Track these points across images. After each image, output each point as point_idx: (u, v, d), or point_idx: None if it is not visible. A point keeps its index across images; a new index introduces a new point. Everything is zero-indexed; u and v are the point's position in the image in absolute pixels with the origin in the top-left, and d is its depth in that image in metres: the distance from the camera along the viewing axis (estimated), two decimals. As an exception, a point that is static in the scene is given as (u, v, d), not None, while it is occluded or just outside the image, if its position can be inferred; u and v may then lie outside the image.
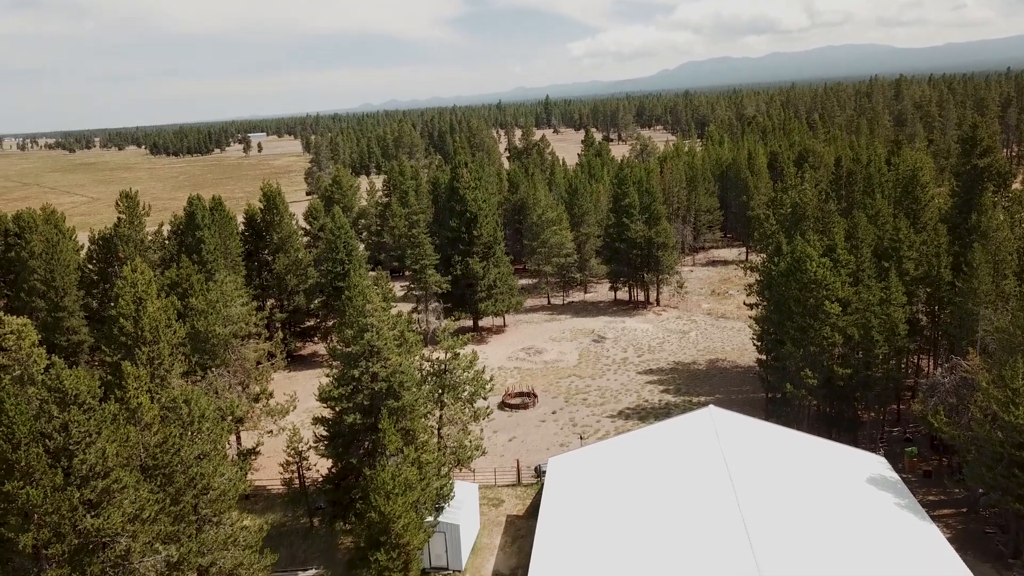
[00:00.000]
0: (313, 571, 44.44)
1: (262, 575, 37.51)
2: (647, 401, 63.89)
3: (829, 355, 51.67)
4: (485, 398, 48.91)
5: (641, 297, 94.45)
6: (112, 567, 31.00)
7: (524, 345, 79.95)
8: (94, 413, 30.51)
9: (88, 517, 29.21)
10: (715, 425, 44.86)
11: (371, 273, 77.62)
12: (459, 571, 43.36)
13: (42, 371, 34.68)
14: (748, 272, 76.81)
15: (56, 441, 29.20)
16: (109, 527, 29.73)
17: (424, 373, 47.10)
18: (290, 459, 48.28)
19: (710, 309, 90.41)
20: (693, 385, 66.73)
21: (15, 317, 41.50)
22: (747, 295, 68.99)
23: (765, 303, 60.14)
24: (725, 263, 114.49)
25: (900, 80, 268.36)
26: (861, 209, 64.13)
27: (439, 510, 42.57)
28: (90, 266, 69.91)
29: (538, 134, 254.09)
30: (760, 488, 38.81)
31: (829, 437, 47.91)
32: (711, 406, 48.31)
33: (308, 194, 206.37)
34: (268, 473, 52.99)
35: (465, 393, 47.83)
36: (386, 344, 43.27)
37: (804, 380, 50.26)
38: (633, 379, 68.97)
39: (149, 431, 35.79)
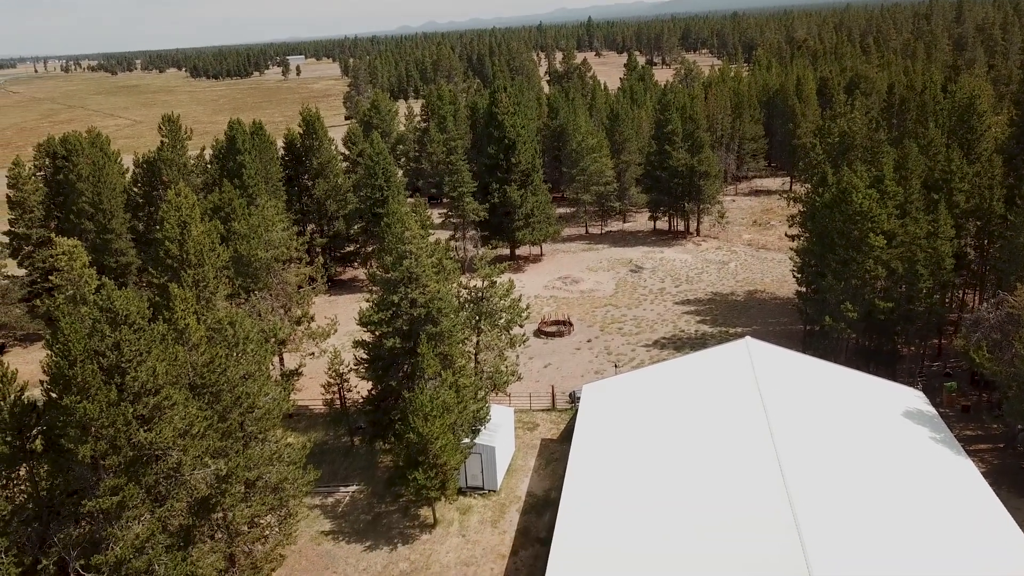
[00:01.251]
0: (354, 487, 46.24)
1: (306, 489, 39.16)
2: (683, 331, 63.96)
3: (871, 288, 50.92)
4: (521, 325, 49.46)
5: (681, 227, 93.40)
6: (165, 478, 32.64)
7: (561, 274, 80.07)
8: (144, 333, 31.61)
9: (141, 431, 30.62)
10: (751, 356, 44.88)
11: (409, 200, 77.84)
12: (494, 491, 44.74)
13: (93, 292, 35.77)
14: (791, 203, 75.29)
15: (109, 359, 30.41)
16: (161, 441, 31.17)
17: (462, 300, 47.66)
18: (331, 381, 49.70)
19: (751, 240, 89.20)
20: (730, 316, 66.49)
21: (66, 239, 42.66)
22: (789, 226, 67.82)
23: (807, 235, 59.10)
24: (768, 193, 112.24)
25: (962, 1, 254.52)
26: (912, 139, 61.99)
27: (475, 432, 43.71)
28: (135, 189, 71.19)
29: (579, 57, 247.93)
30: (794, 419, 39.03)
31: (867, 370, 47.67)
32: (747, 337, 48.23)
33: (347, 118, 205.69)
34: (310, 394, 54.64)
35: (502, 320, 48.39)
36: (424, 271, 43.73)
37: (844, 313, 49.74)
38: (670, 309, 68.91)
39: (196, 351, 37.01)
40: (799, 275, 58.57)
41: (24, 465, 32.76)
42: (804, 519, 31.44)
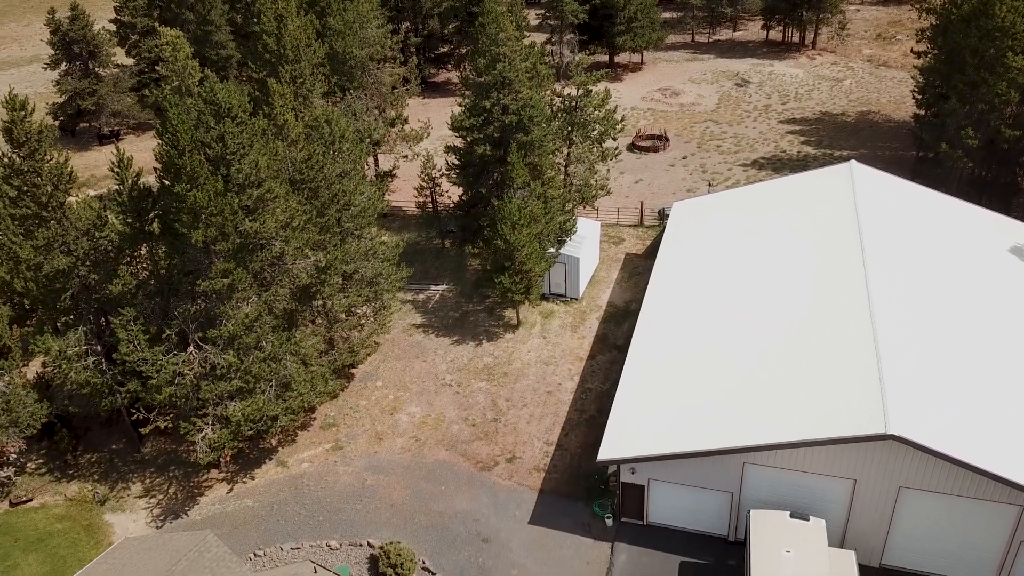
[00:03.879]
0: (444, 286, 48.51)
1: (399, 285, 41.39)
2: (784, 152, 61.28)
3: (998, 114, 46.90)
4: (614, 138, 48.35)
5: (795, 38, 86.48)
6: (270, 266, 35.04)
7: (661, 85, 76.50)
8: (246, 126, 32.65)
9: (247, 220, 32.53)
10: (853, 180, 42.87)
11: (506, -2, 74.16)
12: (576, 299, 46.17)
13: (197, 84, 36.71)
14: (923, 15, 68.03)
15: (214, 150, 31.79)
16: (264, 230, 33.13)
17: (554, 109, 46.63)
18: (424, 184, 50.70)
19: (871, 55, 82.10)
20: (837, 138, 62.97)
21: (169, 29, 43.26)
22: (916, 41, 61.80)
23: (936, 52, 53.95)
24: (899, 3, 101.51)
25: None
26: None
27: (561, 243, 44.46)
28: (232, -21, 70.21)
29: None
30: (891, 249, 37.61)
31: (979, 203, 45.04)
32: (852, 161, 45.84)
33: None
34: (403, 196, 56.08)
35: (594, 132, 47.38)
36: (518, 76, 42.67)
37: (963, 140, 46.38)
38: (773, 128, 65.67)
39: (295, 147, 38.15)
40: (919, 96, 54.26)
41: (144, 245, 35.69)
42: (887, 354, 30.33)
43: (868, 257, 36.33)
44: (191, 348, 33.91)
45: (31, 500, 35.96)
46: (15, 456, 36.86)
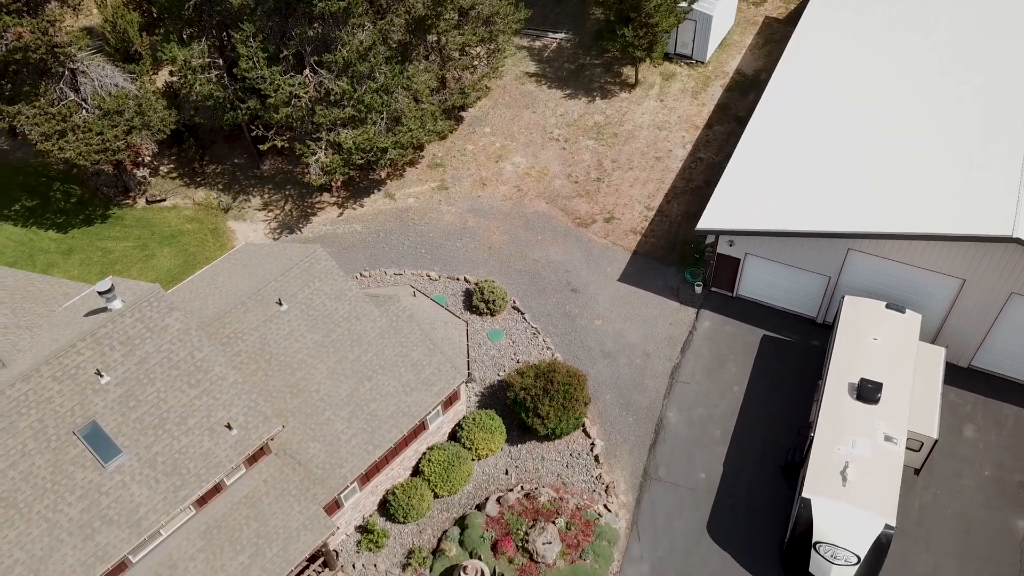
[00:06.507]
0: (562, 35, 46.17)
1: (515, 27, 39.60)
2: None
3: None
4: None
5: None
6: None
7: None
8: None
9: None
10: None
11: None
12: (702, 62, 43.27)
13: None
14: None
15: None
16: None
17: None
18: (553, -83, 46.50)
19: None
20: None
21: None
22: None
23: None
24: None
25: None
26: None
27: (695, -2, 40.86)
28: None
29: None
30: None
31: None
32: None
33: None
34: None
35: None
36: None
37: None
38: None
39: None
40: None
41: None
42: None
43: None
44: (307, 71, 34.17)
45: (164, 200, 39.12)
46: (149, 158, 39.56)
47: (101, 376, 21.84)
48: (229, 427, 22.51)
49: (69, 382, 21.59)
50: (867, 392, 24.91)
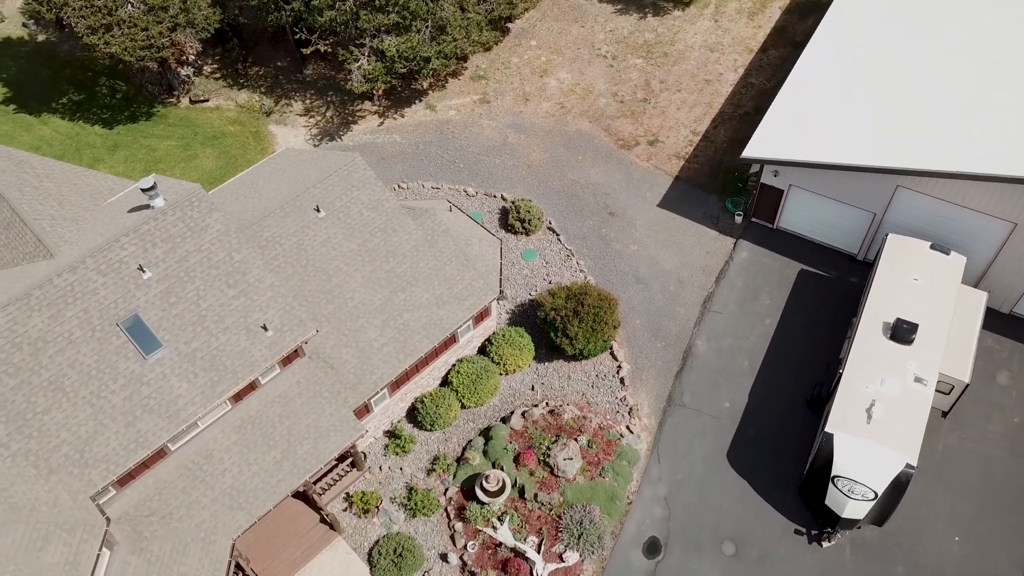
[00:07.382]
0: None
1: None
2: None
3: None
4: None
5: None
6: None
7: None
8: None
9: None
10: None
11: None
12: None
13: None
14: None
15: None
16: None
17: None
18: None
19: None
20: None
21: None
22: None
23: None
24: None
25: None
26: None
27: (761, -91, 38.57)
28: None
29: None
30: None
31: None
32: None
33: None
34: None
35: None
36: None
37: None
38: None
39: None
40: None
41: None
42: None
43: None
44: (352, -27, 33.37)
45: (207, 100, 39.13)
46: (193, 57, 39.40)
47: (143, 272, 22.43)
48: (265, 328, 23.11)
49: (113, 275, 22.22)
50: (902, 332, 24.60)
